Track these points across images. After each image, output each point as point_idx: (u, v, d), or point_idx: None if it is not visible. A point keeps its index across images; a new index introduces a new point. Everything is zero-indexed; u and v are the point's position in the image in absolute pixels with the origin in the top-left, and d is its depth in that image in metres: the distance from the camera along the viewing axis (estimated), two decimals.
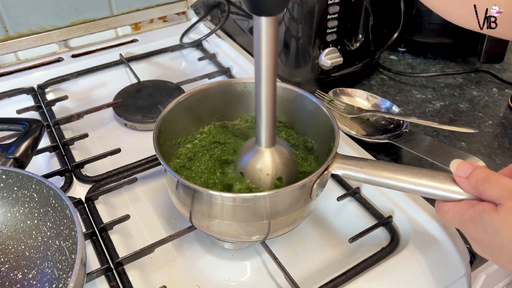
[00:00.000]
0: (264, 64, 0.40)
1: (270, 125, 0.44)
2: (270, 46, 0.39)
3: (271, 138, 0.45)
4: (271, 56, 0.40)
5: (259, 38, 0.38)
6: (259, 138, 0.45)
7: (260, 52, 0.39)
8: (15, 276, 0.48)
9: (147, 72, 0.84)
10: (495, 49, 0.74)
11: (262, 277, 0.52)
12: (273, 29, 0.38)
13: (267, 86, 0.41)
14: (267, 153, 0.46)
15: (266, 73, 0.40)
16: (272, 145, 0.46)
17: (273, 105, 0.43)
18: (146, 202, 0.60)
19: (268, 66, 0.40)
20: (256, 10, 0.37)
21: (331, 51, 0.74)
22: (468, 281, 0.51)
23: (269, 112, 0.43)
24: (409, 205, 0.55)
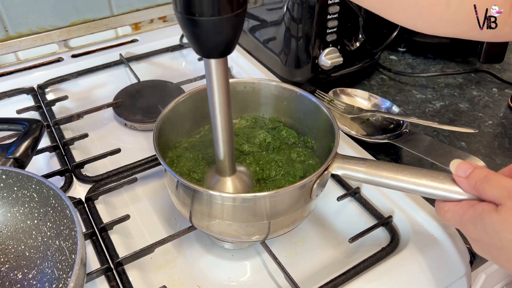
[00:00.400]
0: (217, 101, 0.41)
1: (228, 156, 0.46)
2: (221, 84, 0.40)
3: (231, 167, 0.47)
4: (224, 93, 0.41)
5: (210, 78, 0.40)
6: (219, 168, 0.47)
7: (213, 91, 0.41)
8: (15, 276, 0.48)
9: (147, 72, 0.84)
10: (495, 49, 0.74)
11: (262, 277, 0.52)
12: (223, 69, 0.39)
13: (222, 120, 0.43)
14: (228, 182, 0.48)
15: (220, 109, 0.42)
16: (232, 174, 0.48)
17: (230, 137, 0.44)
18: (146, 202, 0.60)
19: (221, 103, 0.41)
20: (204, 54, 0.38)
21: (331, 51, 0.74)
22: (468, 281, 0.51)
23: (227, 144, 0.44)
24: (409, 205, 0.55)
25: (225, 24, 0.35)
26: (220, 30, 0.35)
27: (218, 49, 0.38)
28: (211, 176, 0.49)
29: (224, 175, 0.47)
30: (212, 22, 0.34)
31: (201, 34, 0.35)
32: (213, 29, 0.35)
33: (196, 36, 0.36)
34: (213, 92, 0.41)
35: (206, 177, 0.50)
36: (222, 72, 0.39)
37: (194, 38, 0.36)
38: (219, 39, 0.36)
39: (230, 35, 0.37)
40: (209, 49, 0.37)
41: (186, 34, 0.36)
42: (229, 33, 0.36)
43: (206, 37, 0.36)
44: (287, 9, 0.72)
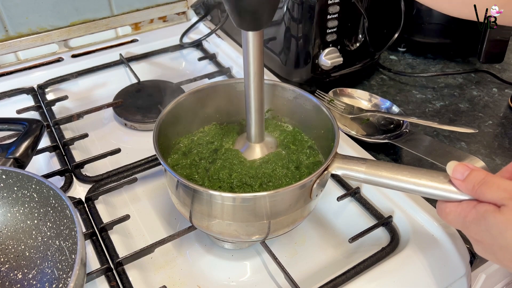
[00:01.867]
0: (252, 71, 0.45)
1: (259, 123, 0.49)
2: (257, 55, 0.44)
3: (260, 134, 0.51)
4: (258, 64, 0.45)
5: (247, 49, 0.44)
6: (249, 134, 0.51)
7: (249, 61, 0.45)
8: (15, 276, 0.48)
9: (147, 72, 0.84)
10: (495, 49, 0.74)
11: (262, 277, 0.52)
12: (259, 40, 0.43)
13: (255, 90, 0.47)
14: (257, 148, 0.52)
15: (254, 78, 0.46)
16: (261, 141, 0.51)
17: (261, 106, 0.48)
18: (146, 202, 0.60)
19: (256, 73, 0.46)
20: (243, 26, 0.42)
21: (331, 51, 0.74)
22: (468, 281, 0.51)
23: (258, 112, 0.48)
24: (409, 205, 0.55)
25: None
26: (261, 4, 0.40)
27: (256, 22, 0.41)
28: (242, 142, 0.53)
29: (254, 141, 0.51)
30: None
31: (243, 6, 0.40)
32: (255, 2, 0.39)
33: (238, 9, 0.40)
34: (249, 62, 0.45)
35: (236, 143, 0.54)
36: (258, 44, 0.43)
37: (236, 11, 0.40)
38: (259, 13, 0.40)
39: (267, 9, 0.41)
40: (248, 22, 0.41)
41: (229, 7, 0.40)
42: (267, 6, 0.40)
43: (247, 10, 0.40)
44: (287, 9, 0.72)
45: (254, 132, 0.50)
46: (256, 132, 0.50)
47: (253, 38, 0.43)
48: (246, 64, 0.45)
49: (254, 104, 0.48)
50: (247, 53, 0.44)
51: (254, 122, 0.49)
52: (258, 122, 0.49)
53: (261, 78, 0.46)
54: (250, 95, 0.47)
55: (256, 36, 0.43)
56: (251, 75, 0.46)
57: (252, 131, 0.50)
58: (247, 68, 0.45)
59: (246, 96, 0.47)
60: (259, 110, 0.48)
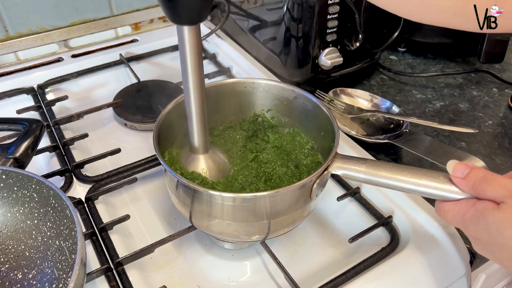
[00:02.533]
0: (190, 72, 0.41)
1: (201, 132, 0.45)
2: (194, 52, 0.40)
3: (204, 144, 0.47)
4: (196, 63, 0.40)
5: (183, 46, 0.39)
6: (192, 145, 0.46)
7: (186, 61, 0.40)
8: (15, 276, 0.48)
9: (147, 72, 0.84)
10: (495, 49, 0.74)
11: (262, 277, 0.52)
12: (195, 36, 0.39)
13: (194, 92, 0.42)
14: (201, 160, 0.48)
15: (193, 80, 0.41)
16: (205, 152, 0.47)
17: (203, 111, 0.43)
18: (146, 202, 0.60)
19: (194, 73, 0.41)
20: (177, 20, 0.38)
21: (331, 51, 0.74)
22: (468, 281, 0.51)
23: (199, 118, 0.44)
24: (409, 205, 0.55)
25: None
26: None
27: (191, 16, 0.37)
28: (186, 154, 0.49)
29: (197, 152, 0.47)
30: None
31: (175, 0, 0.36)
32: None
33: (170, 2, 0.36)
34: (186, 63, 0.40)
35: (180, 155, 0.50)
36: (195, 40, 0.39)
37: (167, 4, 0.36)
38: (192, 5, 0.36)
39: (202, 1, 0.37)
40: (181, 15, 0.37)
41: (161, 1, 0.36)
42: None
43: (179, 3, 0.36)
44: (287, 9, 0.72)
45: (197, 142, 0.46)
46: (199, 141, 0.46)
47: (189, 34, 0.38)
48: (183, 64, 0.40)
49: (194, 110, 0.43)
50: (183, 51, 0.39)
51: (197, 130, 0.44)
52: (200, 130, 0.44)
53: (200, 80, 0.41)
54: (190, 100, 0.42)
55: (192, 31, 0.38)
56: (189, 76, 0.41)
57: (195, 141, 0.46)
58: (184, 69, 0.41)
59: (186, 101, 0.42)
60: (201, 116, 0.43)
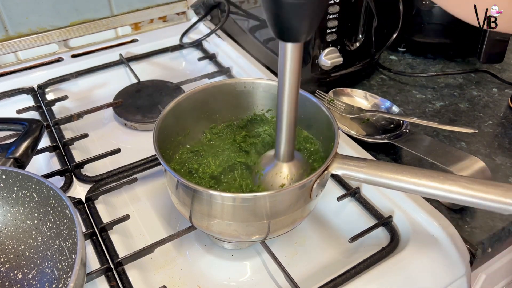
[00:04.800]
0: (288, 86, 0.41)
1: (290, 141, 0.46)
2: (294, 69, 0.40)
3: (290, 153, 0.47)
4: (295, 78, 0.41)
5: (284, 62, 0.40)
6: (278, 153, 0.47)
7: (285, 75, 0.41)
8: (15, 276, 0.48)
9: (147, 72, 0.84)
10: (495, 49, 0.74)
11: (262, 277, 0.52)
12: (298, 54, 0.39)
13: (289, 106, 0.43)
14: (285, 168, 0.48)
15: (289, 93, 0.42)
16: (290, 160, 0.47)
17: (294, 123, 0.44)
18: (146, 202, 0.60)
19: (291, 88, 0.41)
20: (283, 37, 0.38)
21: (331, 51, 0.74)
22: (468, 281, 0.51)
23: (289, 130, 0.44)
24: (409, 205, 0.55)
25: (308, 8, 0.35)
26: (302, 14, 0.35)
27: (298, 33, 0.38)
28: (269, 160, 0.49)
29: (283, 160, 0.47)
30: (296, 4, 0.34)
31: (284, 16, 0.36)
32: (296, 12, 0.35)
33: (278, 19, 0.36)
34: (284, 76, 0.41)
35: (262, 161, 0.50)
36: (297, 57, 0.40)
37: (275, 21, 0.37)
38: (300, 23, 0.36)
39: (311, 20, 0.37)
40: (288, 33, 0.38)
41: (268, 16, 0.37)
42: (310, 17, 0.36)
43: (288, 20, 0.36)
44: None
45: (283, 151, 0.46)
46: (285, 150, 0.46)
47: (292, 50, 0.39)
48: (281, 77, 0.41)
49: (286, 121, 0.44)
50: (284, 66, 0.40)
51: (285, 140, 0.45)
52: (289, 140, 0.45)
53: (296, 94, 0.42)
54: (283, 111, 0.43)
55: (295, 48, 0.39)
56: (286, 90, 0.41)
57: (281, 149, 0.46)
58: (282, 82, 0.41)
59: (278, 111, 0.43)
60: (291, 127, 0.44)
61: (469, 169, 0.55)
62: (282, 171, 0.47)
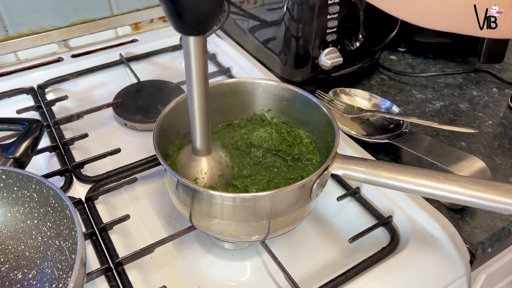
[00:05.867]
0: (195, 80, 0.42)
1: (204, 135, 0.46)
2: (199, 62, 0.41)
3: (206, 147, 0.48)
4: (201, 72, 0.41)
5: (188, 56, 0.40)
6: (194, 147, 0.48)
7: (190, 68, 0.41)
8: (15, 276, 0.48)
9: (147, 72, 0.84)
10: (495, 49, 0.74)
11: (262, 277, 0.52)
12: (201, 46, 0.40)
13: (198, 99, 0.43)
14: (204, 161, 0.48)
15: (197, 87, 0.42)
16: (207, 154, 0.48)
17: (206, 115, 0.45)
18: (146, 202, 0.60)
19: (198, 82, 0.42)
20: (183, 31, 0.38)
21: (331, 51, 0.74)
22: (468, 281, 0.51)
23: (202, 122, 0.45)
24: (409, 205, 0.55)
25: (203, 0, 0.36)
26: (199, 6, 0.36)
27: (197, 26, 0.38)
28: (187, 154, 0.50)
29: (200, 154, 0.48)
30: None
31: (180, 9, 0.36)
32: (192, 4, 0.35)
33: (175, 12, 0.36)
34: (190, 69, 0.41)
35: (181, 156, 0.51)
36: (201, 50, 0.40)
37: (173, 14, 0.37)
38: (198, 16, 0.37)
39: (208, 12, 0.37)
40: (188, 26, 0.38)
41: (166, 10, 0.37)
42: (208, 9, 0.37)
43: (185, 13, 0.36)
44: (287, 9, 0.72)
45: (199, 145, 0.47)
46: (201, 144, 0.47)
47: (195, 44, 0.39)
48: (187, 72, 0.41)
49: (198, 115, 0.44)
50: (188, 60, 0.40)
51: (199, 135, 0.46)
52: (203, 134, 0.46)
53: (204, 87, 0.42)
54: (194, 105, 0.43)
55: (198, 41, 0.39)
56: (194, 84, 0.42)
57: (197, 144, 0.47)
58: (188, 77, 0.42)
59: (189, 106, 0.44)
60: (205, 121, 0.45)
61: (469, 169, 0.55)
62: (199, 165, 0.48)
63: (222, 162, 0.50)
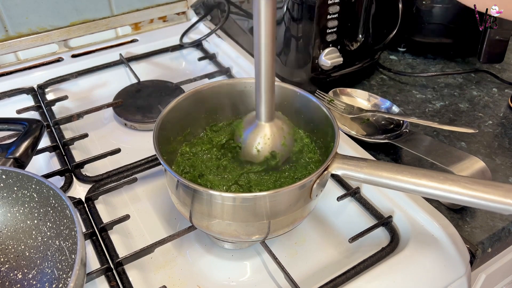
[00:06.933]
0: (263, 42, 0.42)
1: (269, 101, 0.47)
2: (268, 26, 0.41)
3: (270, 113, 0.48)
4: (269, 36, 0.42)
5: (258, 18, 0.40)
6: (258, 113, 0.48)
7: (260, 34, 0.41)
8: (15, 276, 0.48)
9: (147, 72, 0.84)
10: (495, 49, 0.74)
11: (262, 277, 0.52)
12: (272, 9, 0.40)
13: (266, 64, 0.43)
14: (266, 127, 0.49)
15: (265, 50, 0.43)
16: (271, 120, 0.49)
17: (272, 81, 0.45)
18: (146, 202, 0.60)
19: (267, 43, 0.42)
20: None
21: (331, 51, 0.74)
22: (468, 281, 0.51)
23: (268, 87, 0.45)
24: (409, 205, 0.55)
25: None
26: None
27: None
28: (249, 122, 0.50)
29: (264, 120, 0.49)
30: None
31: None
32: None
33: None
34: (260, 33, 0.41)
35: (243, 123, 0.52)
36: (270, 13, 0.40)
37: None
38: None
39: None
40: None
41: None
42: None
43: None
44: (287, 9, 0.72)
45: (263, 111, 0.48)
46: (265, 110, 0.48)
47: (266, 4, 0.40)
48: (257, 36, 0.42)
49: (264, 81, 0.45)
50: (258, 23, 0.41)
51: (264, 101, 0.47)
52: (268, 100, 0.47)
53: (272, 52, 0.43)
54: (261, 70, 0.44)
55: (268, 3, 0.40)
56: (262, 46, 0.42)
57: (262, 110, 0.48)
58: (257, 41, 0.42)
59: (256, 72, 0.44)
60: (271, 87, 0.45)
61: (469, 169, 0.55)
62: (263, 131, 0.49)
63: (284, 129, 0.50)
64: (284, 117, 0.53)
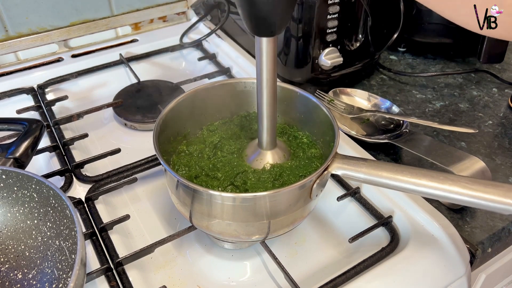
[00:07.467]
0: (265, 78, 0.45)
1: (270, 131, 0.49)
2: (270, 62, 0.44)
3: (272, 141, 0.50)
4: (271, 71, 0.44)
5: (261, 56, 0.43)
6: (261, 141, 0.50)
7: (261, 68, 0.44)
8: (15, 276, 0.48)
9: (147, 72, 0.84)
10: (495, 49, 0.74)
11: (262, 277, 0.52)
12: (272, 47, 0.43)
13: (268, 96, 0.46)
14: (268, 155, 0.51)
15: (267, 85, 0.45)
16: (272, 148, 0.51)
17: (274, 112, 0.47)
18: (146, 202, 0.60)
19: (269, 80, 0.45)
20: (258, 32, 0.42)
21: (331, 51, 0.74)
22: (468, 281, 0.51)
23: (270, 119, 0.48)
24: (409, 205, 0.55)
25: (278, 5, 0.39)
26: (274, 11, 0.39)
27: (271, 28, 0.41)
28: (253, 149, 0.52)
29: (265, 148, 0.51)
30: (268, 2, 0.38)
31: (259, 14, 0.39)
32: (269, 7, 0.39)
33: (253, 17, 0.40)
34: (261, 69, 0.44)
35: (247, 149, 0.53)
36: (272, 50, 0.43)
37: (251, 18, 0.40)
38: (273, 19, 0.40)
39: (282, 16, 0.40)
40: (261, 28, 0.41)
41: (243, 13, 0.40)
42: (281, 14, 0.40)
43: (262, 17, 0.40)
44: None
45: (265, 139, 0.50)
46: (267, 139, 0.50)
47: (267, 44, 0.42)
48: (259, 71, 0.44)
49: (266, 111, 0.47)
50: (260, 59, 0.44)
51: (266, 129, 0.49)
52: (270, 129, 0.49)
53: (274, 85, 0.45)
54: (263, 102, 0.46)
55: (269, 42, 0.42)
56: (264, 82, 0.45)
57: (263, 138, 0.50)
58: (259, 75, 0.45)
59: (258, 103, 0.47)
60: (272, 117, 0.47)
61: (469, 169, 0.55)
62: (265, 158, 0.51)
63: (286, 156, 0.52)
64: (285, 145, 0.55)
